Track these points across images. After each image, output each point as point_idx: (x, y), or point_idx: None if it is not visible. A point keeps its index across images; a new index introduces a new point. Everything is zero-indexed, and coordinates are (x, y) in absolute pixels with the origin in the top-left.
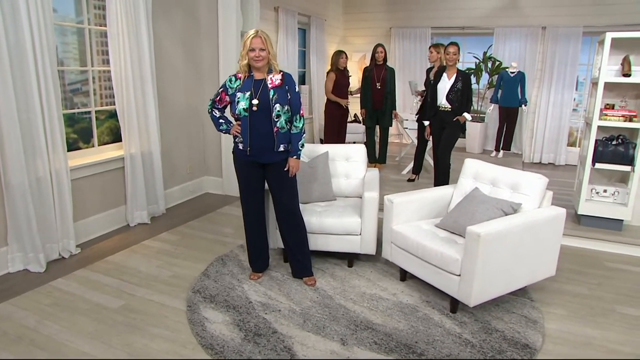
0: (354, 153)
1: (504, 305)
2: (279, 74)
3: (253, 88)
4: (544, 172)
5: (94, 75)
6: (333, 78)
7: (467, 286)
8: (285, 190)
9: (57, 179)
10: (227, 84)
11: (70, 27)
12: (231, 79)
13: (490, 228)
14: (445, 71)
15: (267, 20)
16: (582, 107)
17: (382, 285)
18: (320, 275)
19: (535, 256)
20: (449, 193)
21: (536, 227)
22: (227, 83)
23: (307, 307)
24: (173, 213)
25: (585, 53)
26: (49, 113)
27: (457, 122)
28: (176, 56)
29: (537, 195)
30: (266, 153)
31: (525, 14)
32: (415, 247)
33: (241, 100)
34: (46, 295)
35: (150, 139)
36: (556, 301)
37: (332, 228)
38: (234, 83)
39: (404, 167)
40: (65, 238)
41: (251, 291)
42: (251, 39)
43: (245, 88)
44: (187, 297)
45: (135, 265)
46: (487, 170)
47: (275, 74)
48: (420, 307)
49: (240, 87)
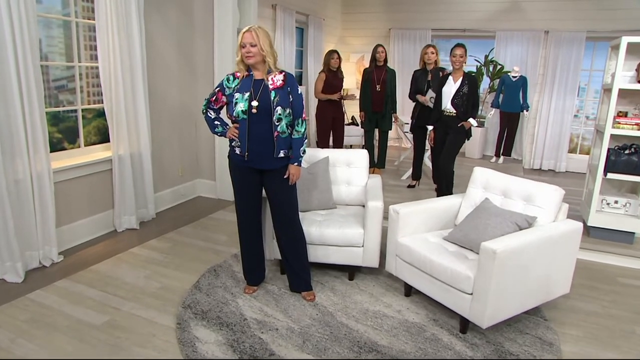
0: (355, 159)
1: (516, 325)
2: (281, 74)
3: (253, 88)
4: (544, 178)
5: (81, 71)
6: (323, 78)
7: (480, 306)
8: (284, 198)
9: (38, 181)
10: (224, 83)
11: (55, 19)
12: (229, 77)
13: (506, 244)
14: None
15: (264, 18)
16: (582, 114)
17: (386, 301)
18: (320, 289)
19: (551, 273)
20: (457, 203)
21: (553, 242)
22: (224, 82)
23: (306, 326)
24: (163, 218)
25: (588, 58)
26: (30, 110)
27: (462, 128)
28: (169, 53)
29: (553, 208)
30: (265, 159)
31: (528, 17)
32: (422, 261)
33: (239, 101)
34: (23, 309)
35: (140, 140)
36: (570, 320)
37: (332, 239)
38: (231, 82)
39: (403, 172)
40: (46, 245)
41: (246, 307)
42: (243, 34)
43: (244, 88)
44: (177, 313)
45: (121, 275)
46: (498, 179)
47: (276, 74)
48: (427, 326)
49: (239, 87)
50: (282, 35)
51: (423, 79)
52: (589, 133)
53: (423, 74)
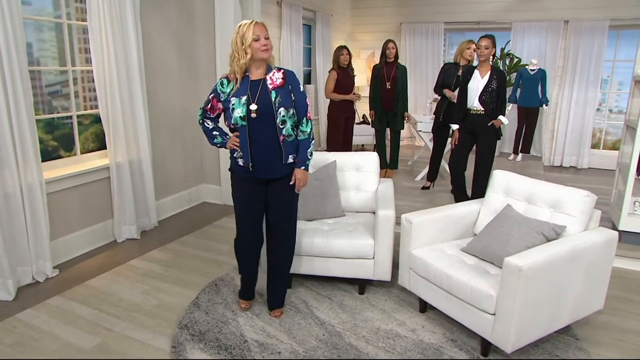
0: (365, 162)
1: (544, 346)
2: (280, 72)
3: (250, 91)
4: (566, 176)
5: (76, 75)
6: (335, 77)
7: (503, 328)
8: (286, 209)
9: (29, 193)
10: (218, 88)
11: (46, 22)
12: (222, 82)
13: (532, 259)
14: (476, 68)
15: (269, 15)
16: (605, 107)
17: (399, 319)
18: (328, 304)
19: (582, 289)
20: (475, 210)
21: (585, 255)
22: (217, 87)
23: (311, 348)
24: (166, 226)
25: (611, 48)
26: (18, 119)
27: (492, 128)
28: (169, 54)
29: (584, 215)
30: (272, 167)
31: (546, 7)
32: (438, 276)
33: (237, 106)
34: (9, 331)
35: (139, 146)
36: (605, 339)
37: (341, 251)
38: (226, 87)
39: (418, 172)
40: (40, 259)
41: (247, 326)
42: (253, 27)
43: (240, 92)
44: (172, 334)
45: (117, 291)
46: (521, 184)
47: (274, 72)
48: (445, 347)
49: (235, 91)
50: (288, 33)
51: (452, 73)
52: (612, 127)
53: (454, 67)
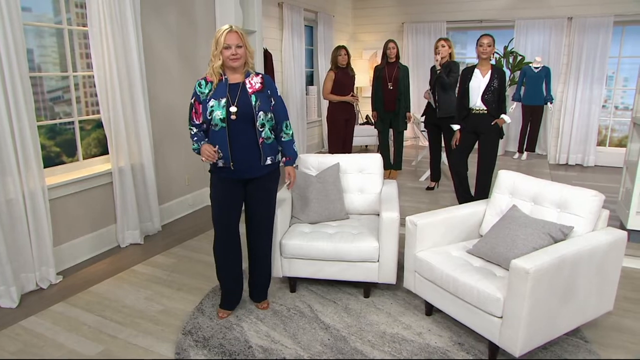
0: (368, 164)
1: (552, 349)
2: (258, 77)
3: (229, 93)
4: (572, 174)
5: (78, 81)
6: (332, 77)
7: (511, 332)
8: (266, 208)
9: (31, 200)
10: (197, 90)
11: (47, 27)
12: (200, 83)
13: (539, 261)
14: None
15: (270, 17)
16: (611, 103)
17: (405, 322)
18: (333, 308)
19: (592, 290)
20: (481, 211)
21: (594, 256)
22: (196, 89)
23: (317, 354)
24: (169, 231)
25: (615, 44)
26: (20, 125)
27: (495, 127)
28: (170, 58)
29: (592, 215)
30: (252, 167)
31: (549, 4)
32: (444, 279)
33: (216, 108)
34: (13, 338)
35: (141, 150)
36: (616, 342)
37: (345, 254)
38: (204, 87)
39: (422, 172)
40: (43, 266)
41: (252, 331)
42: (225, 35)
43: (219, 94)
44: (176, 340)
45: (121, 296)
46: (527, 184)
47: (253, 77)
48: (452, 351)
49: (213, 92)
50: (290, 34)
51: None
52: (618, 124)
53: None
